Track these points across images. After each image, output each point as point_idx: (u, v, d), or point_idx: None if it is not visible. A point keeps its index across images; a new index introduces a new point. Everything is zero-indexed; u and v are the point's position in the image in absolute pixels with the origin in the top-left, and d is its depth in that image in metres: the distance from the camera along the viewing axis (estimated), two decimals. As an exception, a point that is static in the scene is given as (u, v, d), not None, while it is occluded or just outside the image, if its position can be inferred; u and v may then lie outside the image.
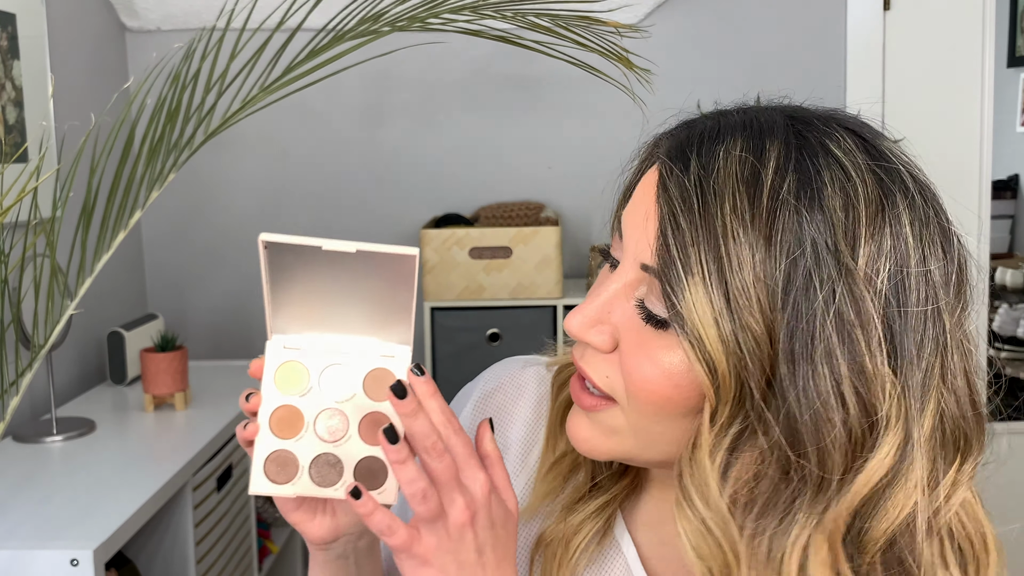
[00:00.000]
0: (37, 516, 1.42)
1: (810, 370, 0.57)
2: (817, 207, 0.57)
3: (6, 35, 1.85)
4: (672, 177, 0.61)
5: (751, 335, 0.57)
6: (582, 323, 0.65)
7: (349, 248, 0.60)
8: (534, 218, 2.37)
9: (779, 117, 0.63)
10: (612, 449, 0.67)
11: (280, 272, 0.62)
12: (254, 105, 1.60)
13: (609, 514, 0.74)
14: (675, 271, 0.58)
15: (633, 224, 0.64)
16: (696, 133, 0.63)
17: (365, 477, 0.65)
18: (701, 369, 0.58)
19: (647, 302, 0.62)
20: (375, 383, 0.66)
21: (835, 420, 0.57)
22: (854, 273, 0.57)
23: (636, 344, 0.63)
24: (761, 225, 0.57)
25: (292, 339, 0.67)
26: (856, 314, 0.57)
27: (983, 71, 2.57)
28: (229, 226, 2.63)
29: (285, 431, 0.65)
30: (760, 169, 0.59)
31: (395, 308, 0.64)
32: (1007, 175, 4.93)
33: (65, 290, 1.47)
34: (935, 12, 2.56)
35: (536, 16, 1.68)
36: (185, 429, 1.85)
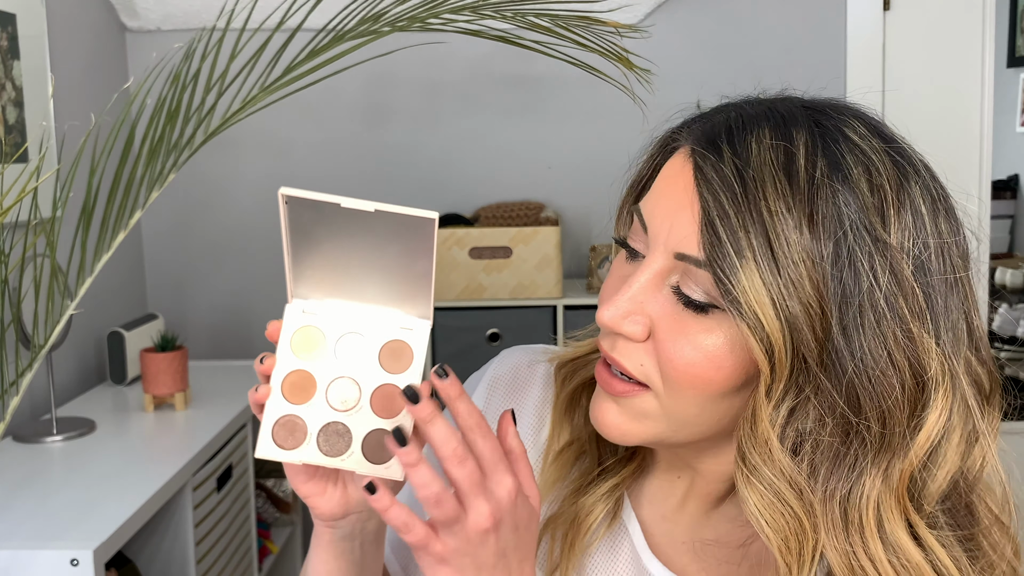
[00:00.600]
0: (37, 516, 1.42)
1: (864, 340, 0.60)
2: (848, 188, 0.61)
3: (6, 35, 1.85)
4: (708, 166, 0.63)
5: (806, 311, 0.60)
6: (615, 315, 0.65)
7: (368, 207, 0.59)
8: (534, 218, 2.37)
9: (795, 107, 0.66)
10: (641, 433, 0.68)
11: (300, 231, 0.61)
12: (254, 105, 1.60)
13: (617, 496, 0.76)
14: (727, 257, 0.60)
15: (662, 214, 0.65)
16: (720, 124, 0.65)
17: (374, 450, 0.64)
18: (758, 347, 0.60)
19: (684, 288, 0.64)
20: (391, 355, 0.65)
21: (893, 383, 0.61)
22: (890, 247, 0.61)
23: (675, 330, 0.64)
24: (803, 207, 0.60)
25: (312, 304, 0.66)
26: (897, 284, 0.61)
27: (983, 71, 2.57)
28: (229, 226, 2.63)
29: (297, 396, 0.64)
30: (793, 154, 0.62)
31: (414, 277, 0.63)
32: (1007, 175, 4.93)
33: (65, 290, 1.47)
34: (935, 12, 2.56)
35: (536, 16, 1.68)
36: (185, 429, 1.85)
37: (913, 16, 2.56)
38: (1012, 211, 4.91)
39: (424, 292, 0.64)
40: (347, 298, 0.66)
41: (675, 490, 0.77)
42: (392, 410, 0.64)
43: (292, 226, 0.61)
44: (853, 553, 0.62)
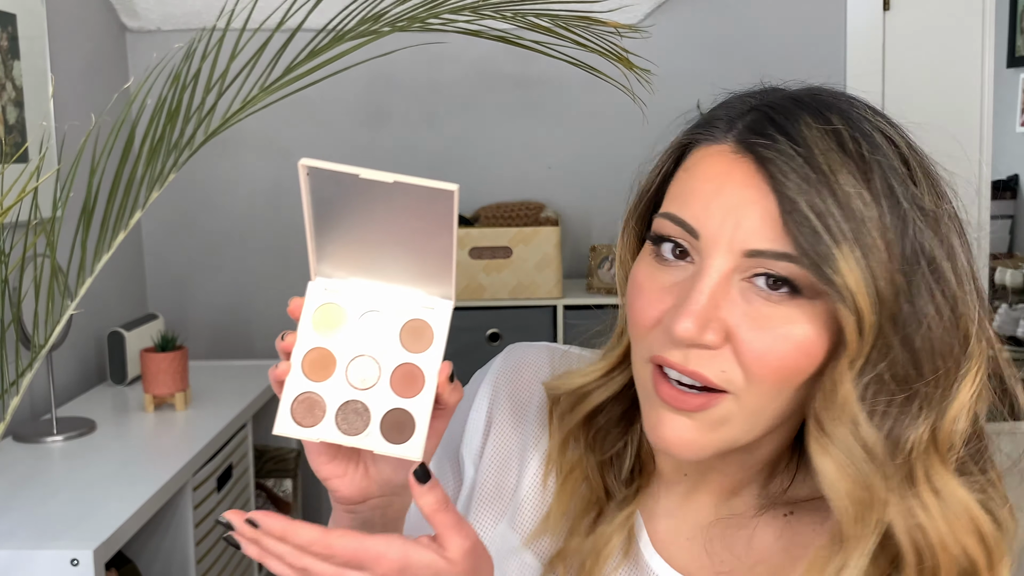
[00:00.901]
0: (37, 516, 1.42)
1: (927, 304, 0.63)
2: (888, 163, 0.64)
3: (6, 35, 1.85)
4: (776, 157, 0.63)
5: (889, 284, 0.62)
6: (691, 327, 0.63)
7: (387, 178, 0.58)
8: (534, 218, 2.37)
9: (804, 94, 0.68)
10: (717, 442, 0.67)
11: (321, 205, 0.60)
12: (254, 105, 1.60)
13: (632, 521, 0.74)
14: (822, 245, 0.61)
15: (721, 214, 0.64)
16: (760, 119, 0.66)
17: (391, 429, 0.63)
18: (852, 324, 0.62)
19: (757, 281, 0.64)
20: (412, 334, 0.64)
21: (952, 343, 0.64)
22: (935, 215, 0.64)
23: (758, 327, 0.64)
24: (866, 185, 0.62)
25: (334, 283, 0.65)
26: (942, 247, 0.64)
27: (983, 71, 2.58)
28: (229, 226, 2.63)
29: (316, 373, 0.64)
30: (842, 137, 0.64)
31: (435, 253, 0.62)
32: (1007, 175, 4.93)
33: (65, 290, 1.47)
34: (935, 12, 2.56)
35: (536, 16, 1.68)
36: (185, 429, 1.85)
37: (913, 16, 2.56)
38: (1012, 211, 4.91)
39: (446, 270, 0.63)
40: (370, 277, 0.65)
41: (678, 486, 0.76)
42: (412, 390, 0.64)
43: (313, 200, 0.60)
44: (911, 511, 0.65)
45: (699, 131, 0.69)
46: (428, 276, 0.64)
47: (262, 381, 2.20)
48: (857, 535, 0.65)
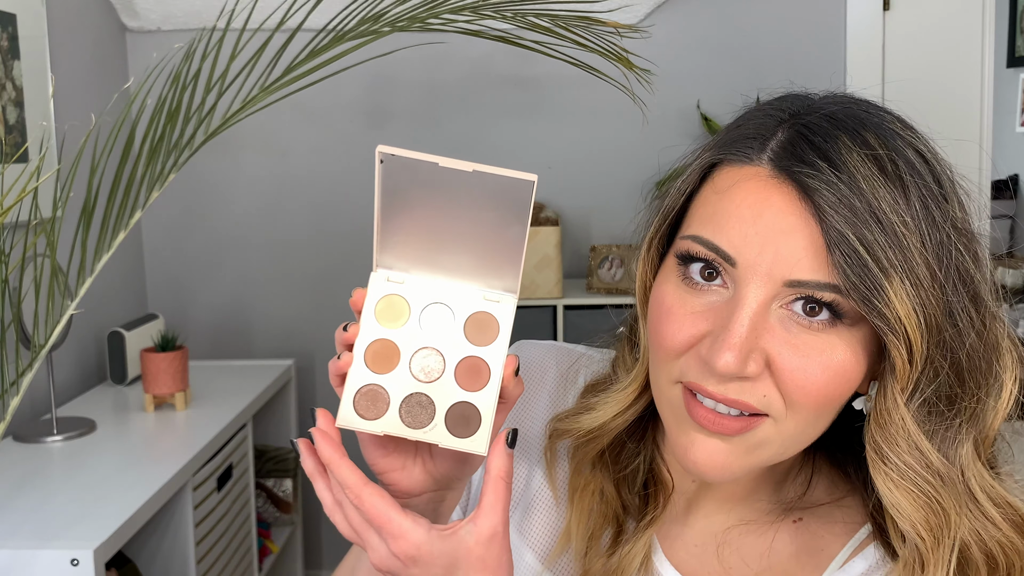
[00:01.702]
0: (37, 516, 1.42)
1: (968, 324, 0.63)
2: (923, 184, 0.63)
3: (6, 35, 1.85)
4: (820, 186, 0.61)
5: (934, 312, 0.62)
6: (733, 360, 0.62)
7: (466, 167, 0.57)
8: (534, 218, 2.37)
9: (836, 108, 0.66)
10: (752, 464, 0.66)
11: (392, 194, 0.59)
12: (254, 105, 1.60)
13: (648, 542, 0.74)
14: (871, 277, 0.60)
15: (759, 242, 0.62)
16: (796, 139, 0.64)
17: (456, 422, 0.62)
18: (902, 351, 0.62)
19: (797, 308, 0.63)
20: (477, 327, 0.64)
21: (991, 359, 0.65)
22: (967, 232, 0.64)
23: (799, 355, 0.63)
24: (909, 210, 0.61)
25: (396, 274, 0.64)
26: (977, 269, 0.64)
27: (983, 71, 2.58)
28: (229, 226, 2.63)
29: (380, 365, 0.63)
30: (882, 160, 0.62)
31: (505, 244, 0.61)
32: (1007, 175, 4.93)
33: (65, 290, 1.48)
34: (935, 12, 2.56)
35: (536, 16, 1.68)
36: (185, 429, 1.85)
37: (913, 16, 2.56)
38: (1012, 211, 4.91)
39: (514, 262, 0.62)
40: (433, 269, 0.64)
41: (686, 493, 0.75)
42: (477, 383, 0.63)
43: (385, 188, 0.59)
44: (979, 524, 0.66)
45: (728, 150, 0.66)
46: (492, 269, 0.63)
47: (262, 381, 2.20)
48: (937, 560, 0.65)
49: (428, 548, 0.60)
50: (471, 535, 0.61)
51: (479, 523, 0.61)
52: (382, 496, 0.61)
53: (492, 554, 0.61)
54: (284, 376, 2.34)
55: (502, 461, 0.62)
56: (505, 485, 0.61)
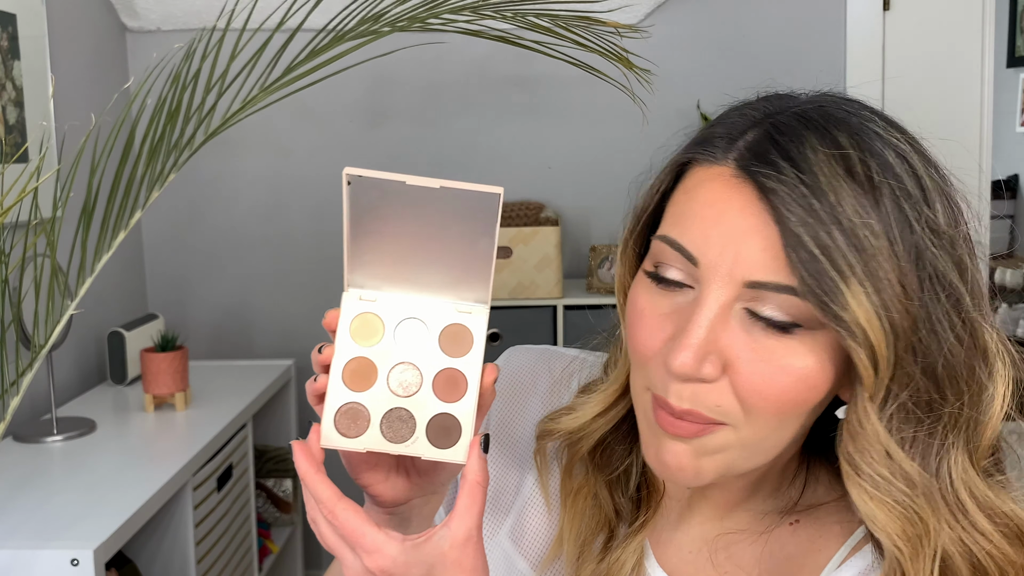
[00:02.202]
0: (37, 516, 1.42)
1: (946, 329, 0.61)
2: (900, 185, 0.61)
3: (6, 35, 1.85)
4: (777, 185, 0.60)
5: (903, 315, 0.60)
6: (688, 361, 0.61)
7: (433, 184, 0.58)
8: (534, 218, 2.37)
9: (812, 108, 0.64)
10: (716, 468, 0.66)
11: (361, 214, 0.60)
12: (254, 105, 1.60)
13: (640, 548, 0.73)
14: (828, 280, 0.59)
15: (720, 242, 0.61)
16: (762, 139, 0.62)
17: (437, 434, 0.63)
18: (865, 359, 0.60)
19: (760, 311, 0.61)
20: (451, 339, 0.65)
21: (973, 364, 0.63)
22: (948, 236, 0.62)
23: (758, 359, 0.62)
24: (876, 212, 0.60)
25: (368, 292, 0.65)
26: (958, 270, 0.62)
27: (983, 71, 2.58)
28: (229, 226, 2.63)
29: (358, 383, 0.64)
30: (852, 160, 0.60)
31: (474, 257, 0.62)
32: (1007, 175, 4.93)
33: (65, 290, 1.47)
34: (935, 12, 2.56)
35: (536, 16, 1.68)
36: (185, 429, 1.85)
37: (913, 16, 2.56)
38: (1012, 211, 4.91)
39: (483, 274, 0.63)
40: (403, 285, 0.65)
41: (680, 500, 0.75)
42: (455, 394, 0.64)
43: (353, 209, 0.60)
44: (967, 535, 0.64)
45: (698, 149, 0.66)
46: (463, 281, 0.64)
47: (262, 381, 2.20)
48: (917, 570, 0.64)
49: (403, 560, 0.61)
50: (445, 540, 0.61)
51: (453, 527, 0.61)
52: (356, 512, 0.61)
53: (468, 557, 0.62)
54: (284, 376, 2.34)
55: (477, 466, 0.62)
56: (480, 490, 0.62)
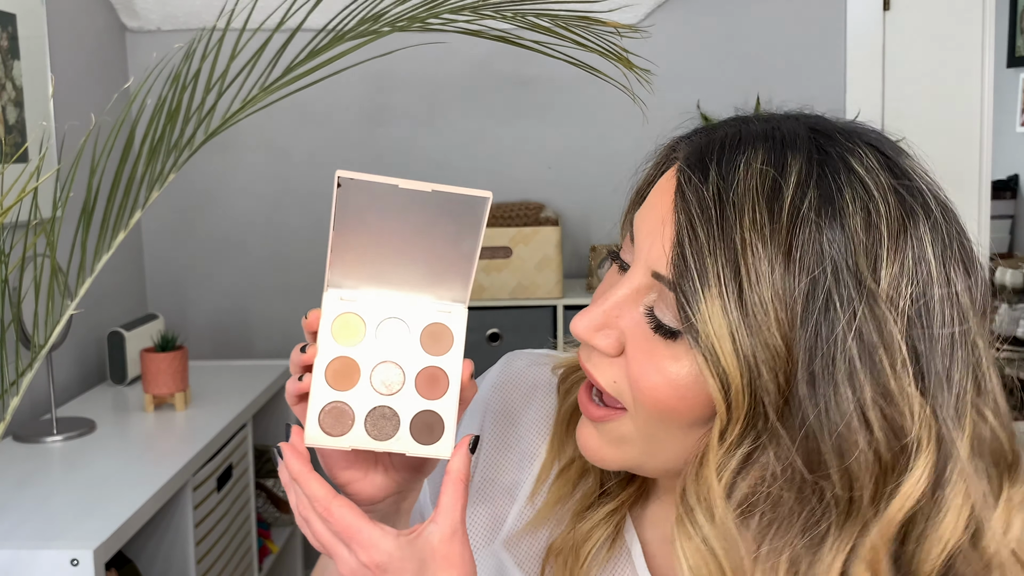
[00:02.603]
0: (37, 516, 1.42)
1: (831, 391, 0.56)
2: (838, 225, 0.56)
3: (6, 35, 1.85)
4: (691, 186, 0.59)
5: (769, 352, 0.56)
6: (588, 326, 0.64)
7: (424, 188, 0.60)
8: (534, 218, 2.37)
9: (802, 129, 0.61)
10: (620, 458, 0.67)
11: (348, 216, 0.62)
12: (254, 105, 1.60)
13: (618, 520, 0.74)
14: (691, 282, 0.57)
15: (647, 229, 0.63)
16: (716, 140, 0.62)
17: (421, 430, 0.65)
18: (714, 384, 0.57)
19: (656, 310, 0.62)
20: (432, 338, 0.66)
21: (860, 442, 0.56)
22: (875, 294, 0.56)
23: (643, 351, 0.62)
24: (780, 241, 0.56)
25: (348, 292, 0.67)
26: (879, 335, 0.56)
27: (983, 71, 2.57)
28: (229, 226, 2.63)
29: (341, 383, 0.65)
30: (781, 183, 0.58)
31: (458, 257, 0.64)
32: (1007, 175, 4.93)
33: (65, 290, 1.48)
34: (935, 12, 2.56)
35: (536, 16, 1.68)
36: (185, 429, 1.85)
37: (913, 16, 2.56)
38: (1012, 211, 4.91)
39: (465, 274, 0.65)
40: (384, 284, 0.66)
41: (668, 493, 0.75)
42: (437, 391, 0.66)
43: (341, 211, 0.61)
44: None
45: (681, 140, 0.67)
46: (443, 280, 0.66)
47: (262, 381, 2.20)
48: None
49: (398, 555, 0.62)
50: (434, 534, 0.63)
51: (440, 522, 0.64)
52: (350, 508, 0.63)
53: (455, 550, 0.64)
54: (284, 376, 2.34)
55: (462, 463, 0.65)
56: (463, 485, 0.64)
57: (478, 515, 0.79)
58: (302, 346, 0.66)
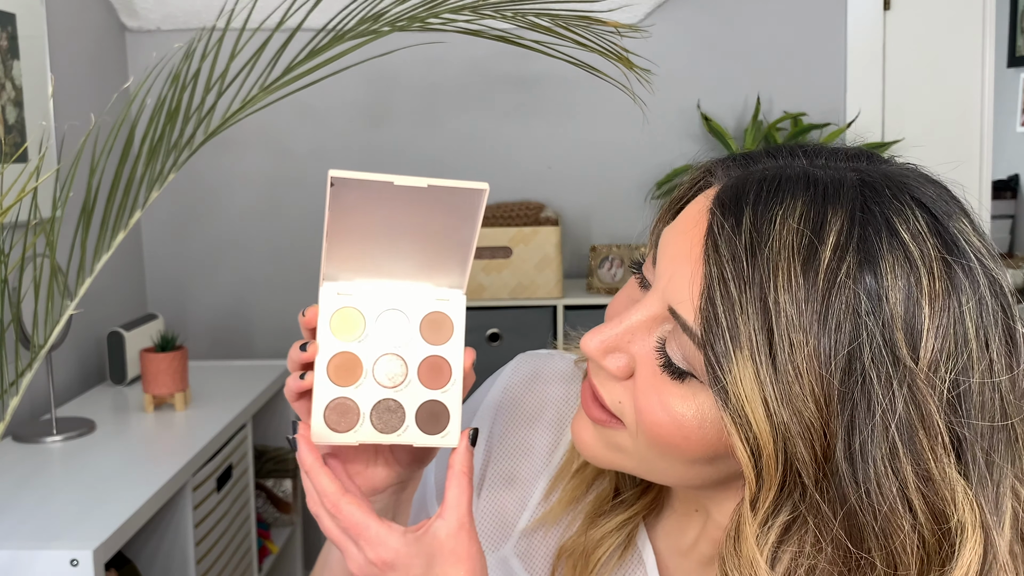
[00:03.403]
0: (37, 516, 1.42)
1: (872, 471, 0.53)
2: (875, 295, 0.53)
3: (6, 35, 1.85)
4: (723, 234, 0.56)
5: (803, 424, 0.53)
6: (599, 347, 0.62)
7: (421, 183, 0.59)
8: (534, 218, 2.37)
9: (848, 176, 0.57)
10: (614, 462, 0.66)
11: (342, 213, 0.61)
12: (254, 105, 1.60)
13: (631, 529, 0.73)
14: (722, 341, 0.54)
15: (670, 258, 0.60)
16: (754, 179, 0.58)
17: (427, 421, 0.65)
18: (743, 449, 0.55)
19: (668, 347, 0.59)
20: (432, 327, 0.66)
21: (904, 525, 0.54)
22: (915, 372, 0.53)
23: (651, 384, 0.60)
24: (816, 309, 0.53)
25: (344, 286, 0.66)
26: (919, 417, 0.53)
27: (983, 71, 2.58)
28: (229, 226, 2.63)
29: (344, 378, 0.65)
30: (818, 245, 0.54)
31: (454, 248, 0.64)
32: (1007, 175, 4.93)
33: (65, 290, 1.47)
34: (935, 12, 2.56)
35: (536, 16, 1.68)
36: (185, 429, 1.85)
37: (913, 16, 2.56)
38: (1012, 211, 4.91)
39: (460, 261, 0.64)
40: (381, 275, 0.66)
41: (692, 526, 0.73)
42: (440, 380, 0.66)
43: (334, 208, 0.61)
44: None
45: (718, 162, 0.64)
46: (440, 267, 0.65)
47: (262, 381, 2.20)
48: None
49: (405, 551, 0.63)
50: (441, 530, 0.64)
51: (446, 517, 0.64)
52: (359, 505, 0.63)
53: (462, 545, 0.64)
54: (284, 376, 2.34)
55: (464, 458, 0.65)
56: (467, 479, 0.65)
57: (488, 517, 0.79)
58: (301, 344, 0.65)
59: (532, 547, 0.77)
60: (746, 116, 2.54)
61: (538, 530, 0.76)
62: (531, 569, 0.76)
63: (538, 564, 0.76)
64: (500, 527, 0.78)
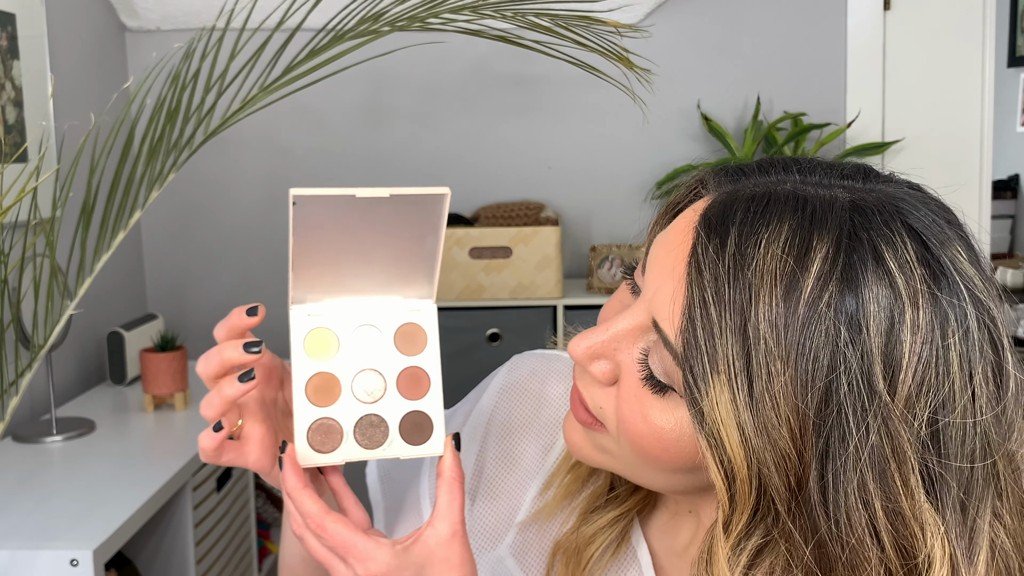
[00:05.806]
0: (37, 516, 1.42)
1: (843, 502, 0.53)
2: (856, 326, 0.52)
3: (6, 35, 1.85)
4: (707, 256, 0.55)
5: (777, 452, 0.53)
6: (585, 352, 0.62)
7: (383, 193, 0.60)
8: (534, 218, 2.37)
9: (839, 199, 0.56)
10: (602, 462, 0.66)
11: (307, 231, 0.61)
12: (254, 105, 1.60)
13: (624, 525, 0.73)
14: (700, 364, 0.54)
15: (657, 269, 0.59)
16: (742, 197, 0.57)
17: (411, 432, 0.65)
18: (716, 470, 0.54)
19: (651, 359, 0.59)
20: (405, 339, 0.66)
21: (871, 558, 0.53)
22: (890, 406, 0.52)
23: (633, 394, 0.60)
24: (796, 335, 0.52)
25: (313, 307, 0.66)
26: (892, 451, 0.52)
27: (983, 71, 2.57)
28: (229, 226, 2.63)
29: (323, 399, 0.65)
30: (800, 273, 0.53)
31: (421, 258, 0.64)
32: (1007, 175, 4.93)
33: (65, 290, 1.47)
34: (935, 12, 2.56)
35: (536, 16, 1.68)
36: (185, 429, 1.85)
37: (913, 16, 2.56)
38: (1012, 211, 4.91)
39: (428, 271, 0.65)
40: (348, 292, 0.66)
41: (686, 526, 0.73)
42: (419, 390, 0.66)
43: (298, 228, 0.61)
44: None
45: (711, 174, 0.63)
46: (407, 280, 0.66)
47: (262, 381, 2.20)
48: None
49: (395, 563, 0.63)
50: (432, 538, 0.63)
51: (438, 525, 0.64)
52: (344, 523, 0.63)
53: (455, 553, 0.64)
54: (284, 376, 2.34)
55: (453, 464, 0.65)
56: (458, 485, 0.64)
57: (482, 522, 0.78)
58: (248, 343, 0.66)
59: (527, 545, 0.76)
60: (746, 116, 2.54)
61: (533, 527, 0.76)
62: (526, 567, 0.76)
63: (533, 562, 0.76)
64: (495, 529, 0.78)
